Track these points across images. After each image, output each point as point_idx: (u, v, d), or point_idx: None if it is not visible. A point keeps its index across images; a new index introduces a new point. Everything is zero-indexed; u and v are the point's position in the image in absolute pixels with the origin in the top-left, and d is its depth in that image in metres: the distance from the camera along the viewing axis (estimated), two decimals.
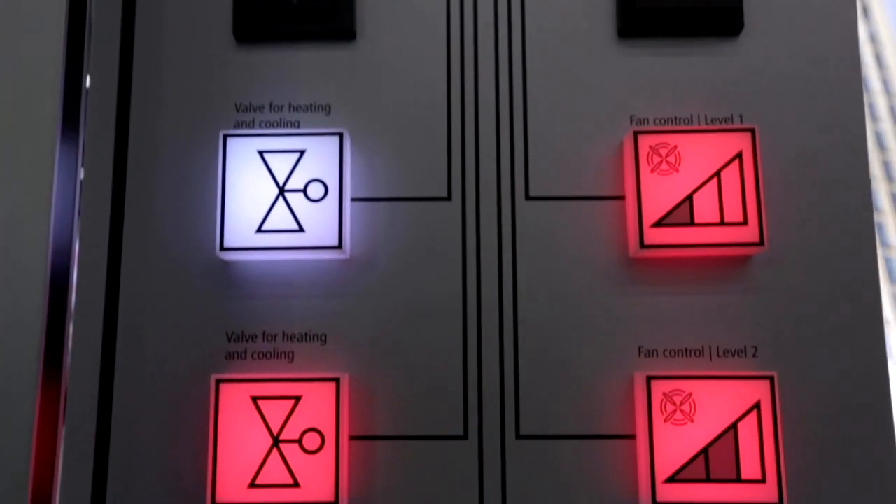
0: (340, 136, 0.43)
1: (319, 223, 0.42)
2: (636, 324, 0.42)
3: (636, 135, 0.42)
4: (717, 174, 0.41)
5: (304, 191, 0.42)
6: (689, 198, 0.41)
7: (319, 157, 0.43)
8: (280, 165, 0.43)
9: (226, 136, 0.43)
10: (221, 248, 0.42)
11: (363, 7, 0.45)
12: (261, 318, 0.43)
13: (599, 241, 0.43)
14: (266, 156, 0.43)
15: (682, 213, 0.41)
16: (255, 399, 0.40)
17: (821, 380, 0.42)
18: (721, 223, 0.41)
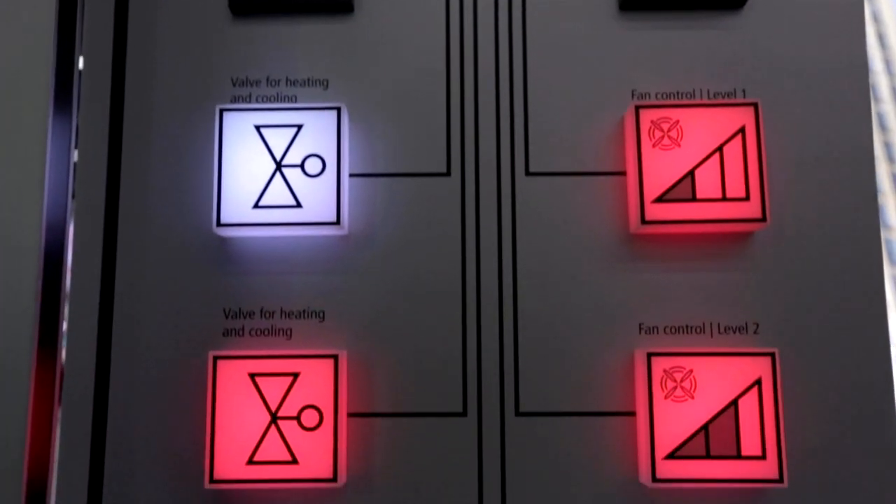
0: (338, 111, 0.42)
1: (317, 199, 0.41)
2: (637, 300, 0.42)
3: (637, 109, 0.42)
4: (720, 149, 0.41)
5: (302, 166, 0.42)
6: (691, 173, 0.41)
7: (317, 132, 0.42)
8: (277, 140, 0.42)
9: (222, 111, 0.42)
10: (218, 224, 0.41)
11: None
12: (258, 295, 0.43)
13: (600, 217, 0.43)
14: (263, 130, 0.42)
15: (684, 189, 0.41)
16: (253, 376, 0.40)
17: (822, 357, 0.41)
18: (723, 199, 0.41)
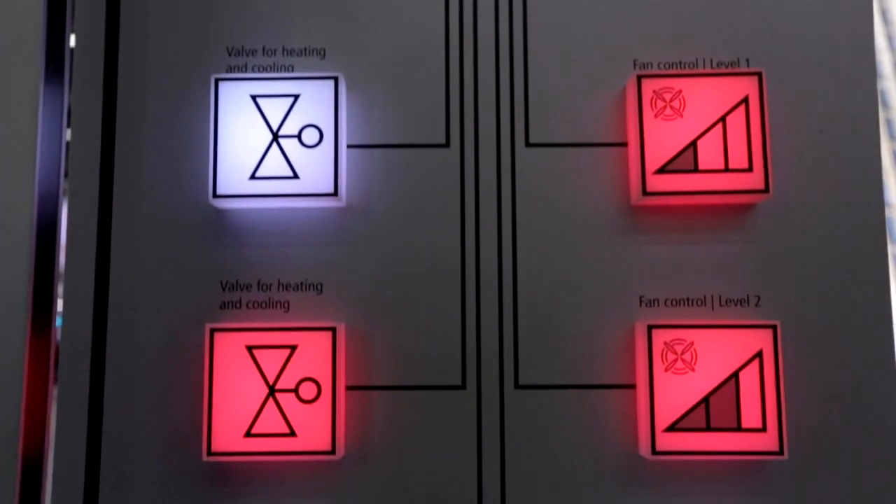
0: (335, 81, 0.41)
1: (314, 170, 0.41)
2: (637, 273, 0.42)
3: (639, 79, 0.41)
4: (723, 119, 0.40)
5: (299, 137, 0.41)
6: (694, 144, 0.40)
7: (314, 102, 0.41)
8: (274, 111, 0.41)
9: (217, 81, 0.41)
10: (214, 196, 0.41)
11: None
12: (256, 268, 0.42)
13: (601, 189, 0.42)
14: (259, 101, 0.41)
15: (686, 160, 0.40)
16: (251, 348, 0.40)
17: (824, 329, 0.41)
18: (726, 170, 0.40)
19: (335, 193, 0.41)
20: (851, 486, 0.40)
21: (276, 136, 0.41)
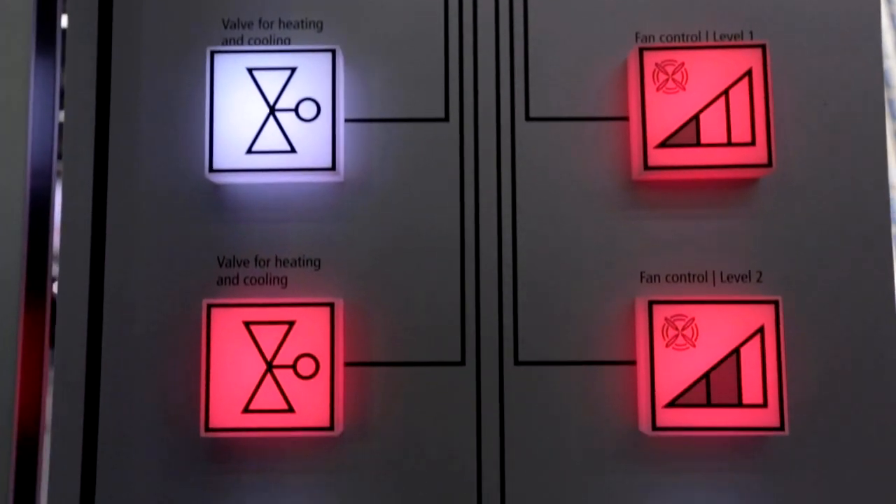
0: (333, 54, 0.41)
1: (312, 144, 0.40)
2: (638, 248, 0.41)
3: (641, 52, 0.40)
4: (726, 92, 0.40)
5: (296, 110, 0.41)
6: (696, 117, 0.40)
7: (311, 75, 0.41)
8: (270, 84, 0.41)
9: (213, 53, 0.41)
10: (210, 170, 0.40)
11: None
12: (253, 243, 0.42)
13: (602, 164, 0.42)
14: (255, 73, 0.41)
15: (688, 134, 0.40)
16: (248, 324, 0.40)
17: (826, 305, 0.41)
18: (728, 144, 0.40)
19: (333, 168, 0.40)
20: (852, 462, 0.40)
21: (273, 110, 0.41)
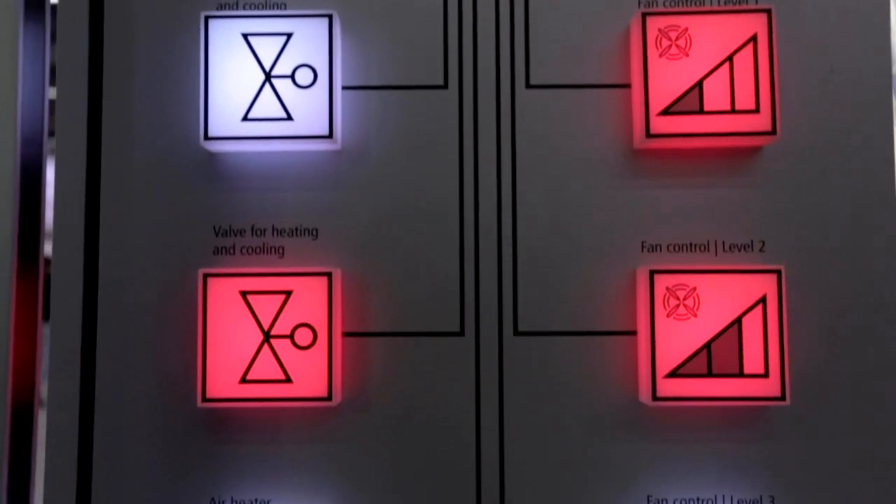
0: (330, 19, 0.40)
1: (309, 111, 0.40)
2: (639, 218, 0.41)
3: (644, 17, 0.40)
4: (730, 59, 0.39)
5: (292, 77, 0.40)
6: (699, 84, 0.39)
7: (308, 41, 0.40)
8: (266, 50, 0.40)
9: (207, 18, 0.40)
10: (206, 138, 0.40)
11: None
12: (249, 212, 0.41)
13: (603, 132, 0.41)
14: (251, 39, 0.40)
15: (692, 101, 0.39)
16: (245, 294, 0.39)
17: (829, 275, 0.40)
18: (732, 111, 0.39)
19: (330, 136, 0.40)
20: (852, 432, 0.40)
21: (269, 77, 0.40)
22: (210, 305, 0.39)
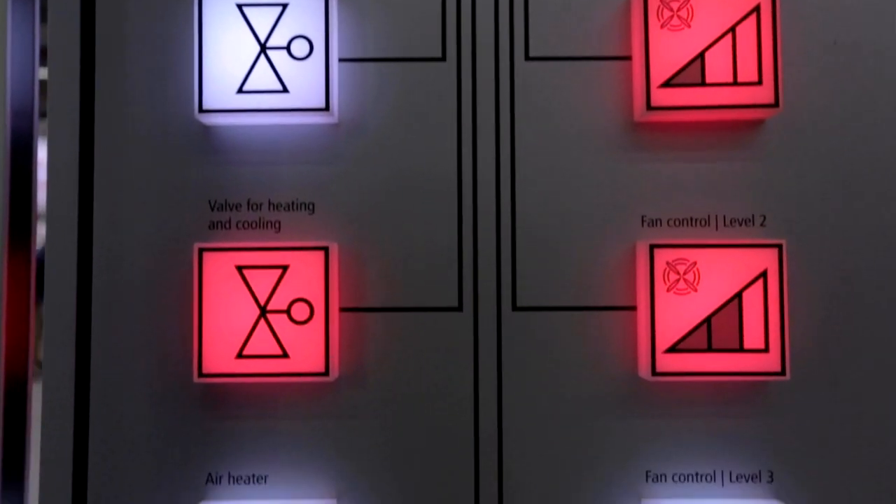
0: None
1: (305, 83, 0.39)
2: (640, 192, 0.40)
3: None
4: (732, 30, 0.39)
5: (288, 48, 0.39)
6: (701, 56, 0.39)
7: (303, 12, 0.39)
8: (261, 20, 0.39)
9: None
10: (200, 111, 0.39)
11: None
12: (245, 186, 0.41)
13: (603, 105, 0.41)
14: (245, 9, 0.39)
15: (693, 73, 0.39)
16: (241, 268, 0.39)
17: (831, 250, 0.40)
18: (734, 83, 0.38)
19: (327, 108, 0.39)
20: (852, 407, 0.40)
21: (264, 48, 0.39)
22: (206, 280, 0.39)
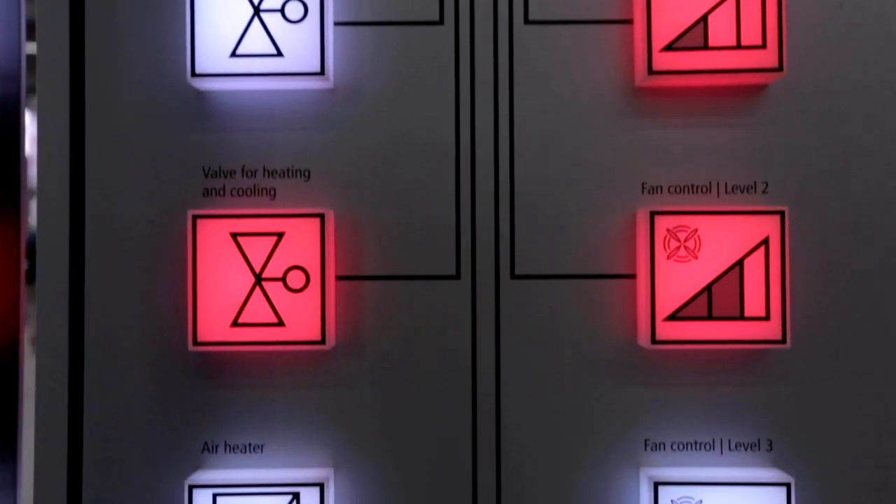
0: None
1: (299, 47, 0.38)
2: (640, 158, 0.40)
3: None
4: None
5: (282, 10, 0.39)
6: (704, 18, 0.38)
7: None
8: None
9: None
10: (193, 75, 0.38)
11: None
12: (239, 153, 0.40)
13: (604, 70, 0.40)
14: None
15: (696, 36, 0.38)
16: (235, 236, 0.38)
17: (833, 217, 0.39)
18: (738, 47, 0.38)
19: (322, 73, 0.38)
20: (852, 376, 0.39)
21: (258, 10, 0.38)
22: (200, 248, 0.38)
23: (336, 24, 0.40)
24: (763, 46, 0.38)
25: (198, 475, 0.39)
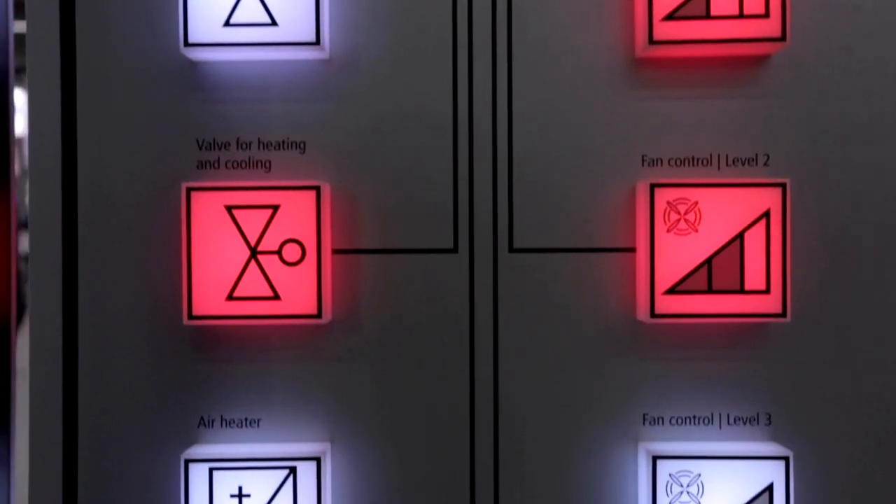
0: None
1: (294, 15, 0.38)
2: (640, 130, 0.39)
3: None
4: None
5: None
6: None
7: None
8: None
9: None
10: (186, 44, 0.38)
11: None
12: (234, 125, 0.40)
13: (603, 39, 0.39)
14: None
15: (698, 5, 0.37)
16: (230, 208, 0.38)
17: (834, 190, 0.39)
18: (740, 16, 0.37)
19: (317, 42, 0.38)
20: (852, 350, 0.39)
21: None
22: (194, 221, 0.38)
23: None
24: (766, 15, 0.37)
25: (194, 449, 0.39)
